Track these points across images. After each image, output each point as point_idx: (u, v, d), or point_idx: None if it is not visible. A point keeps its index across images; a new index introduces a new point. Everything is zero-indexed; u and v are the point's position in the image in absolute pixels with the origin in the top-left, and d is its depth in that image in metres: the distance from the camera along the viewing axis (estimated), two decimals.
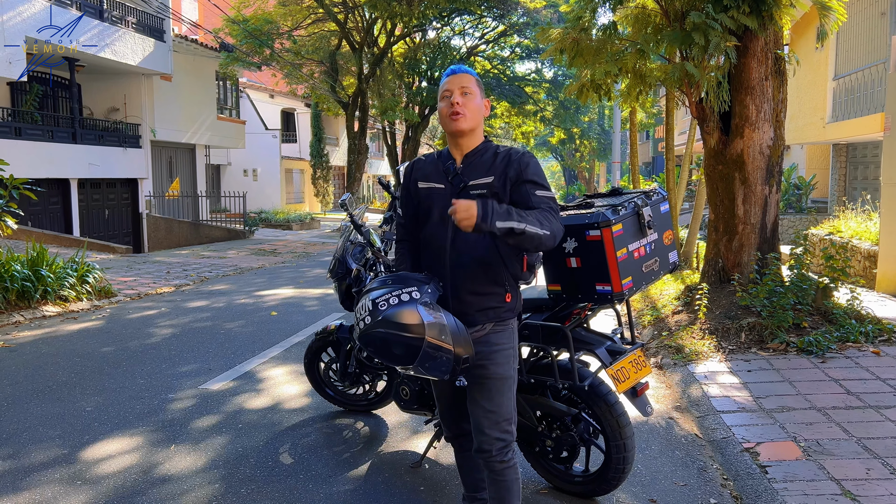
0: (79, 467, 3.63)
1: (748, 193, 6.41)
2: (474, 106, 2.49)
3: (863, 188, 14.18)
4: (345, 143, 28.67)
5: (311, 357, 4.39)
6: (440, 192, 2.52)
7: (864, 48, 12.82)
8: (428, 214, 2.55)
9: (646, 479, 3.48)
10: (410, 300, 2.31)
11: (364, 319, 2.35)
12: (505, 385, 2.51)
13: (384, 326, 2.30)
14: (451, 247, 2.47)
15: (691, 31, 5.78)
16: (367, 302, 2.38)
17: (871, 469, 3.35)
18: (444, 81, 2.54)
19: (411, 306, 2.30)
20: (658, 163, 35.03)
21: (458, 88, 2.49)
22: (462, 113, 2.47)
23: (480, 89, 2.54)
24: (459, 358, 2.34)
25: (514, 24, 24.06)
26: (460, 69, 2.56)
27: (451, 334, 2.31)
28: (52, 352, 6.08)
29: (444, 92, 2.52)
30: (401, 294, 2.33)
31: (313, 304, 8.54)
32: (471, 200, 2.24)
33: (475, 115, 2.49)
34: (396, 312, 2.29)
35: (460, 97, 2.48)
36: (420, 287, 2.37)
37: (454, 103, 2.47)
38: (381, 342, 2.33)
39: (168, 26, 18.01)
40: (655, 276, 2.93)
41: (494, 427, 2.48)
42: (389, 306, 2.31)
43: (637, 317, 7.37)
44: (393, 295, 2.33)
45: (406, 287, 2.36)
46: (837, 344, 5.34)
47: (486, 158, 2.50)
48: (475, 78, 2.55)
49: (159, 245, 18.01)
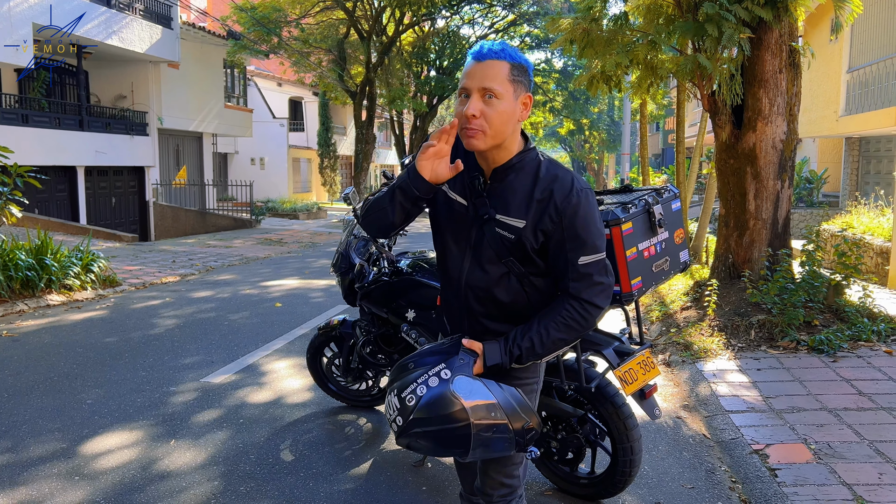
0: (78, 462, 3.59)
1: (760, 188, 6.30)
2: (499, 115, 1.82)
3: (875, 183, 14.01)
4: (352, 133, 28.59)
5: (313, 352, 4.33)
6: (460, 209, 2.01)
7: (880, 41, 12.61)
8: (441, 224, 2.08)
9: (652, 481, 3.42)
10: (440, 382, 1.87)
11: (396, 421, 1.91)
12: None
13: (421, 425, 1.86)
14: (466, 279, 2.04)
15: (704, 23, 5.67)
16: (392, 399, 1.94)
17: (883, 474, 3.27)
18: (466, 67, 1.86)
19: (443, 389, 1.86)
20: (668, 155, 34.80)
21: (479, 90, 1.81)
22: (479, 129, 1.83)
23: (518, 82, 1.85)
24: (522, 430, 1.91)
25: (524, 14, 23.90)
26: (489, 54, 1.83)
27: (503, 408, 1.88)
28: (55, 342, 6.06)
29: (462, 89, 1.85)
30: (427, 379, 1.89)
31: (318, 296, 8.49)
32: (479, 361, 1.91)
33: (500, 129, 1.84)
34: (428, 403, 1.86)
35: (479, 104, 1.81)
36: (449, 361, 1.91)
37: (468, 115, 1.82)
38: (426, 441, 1.90)
39: (176, 13, 17.94)
40: (666, 275, 2.85)
41: (500, 472, 2.10)
42: (418, 399, 1.87)
43: (645, 313, 7.29)
44: (419, 383, 1.89)
45: (432, 367, 1.91)
46: (849, 343, 5.25)
47: (522, 184, 1.91)
48: (511, 65, 1.82)
49: (166, 233, 18.02)
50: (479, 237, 1.98)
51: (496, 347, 1.96)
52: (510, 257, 1.95)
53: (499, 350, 1.95)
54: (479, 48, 1.86)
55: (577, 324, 1.91)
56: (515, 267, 1.97)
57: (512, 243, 1.93)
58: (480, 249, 1.99)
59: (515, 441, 1.91)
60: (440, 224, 2.07)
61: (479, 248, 1.99)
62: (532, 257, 1.95)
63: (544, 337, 1.91)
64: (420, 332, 3.49)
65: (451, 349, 1.96)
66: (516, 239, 1.91)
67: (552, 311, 1.94)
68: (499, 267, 1.98)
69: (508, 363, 1.94)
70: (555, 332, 1.91)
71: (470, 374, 1.90)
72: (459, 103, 1.87)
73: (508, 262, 1.97)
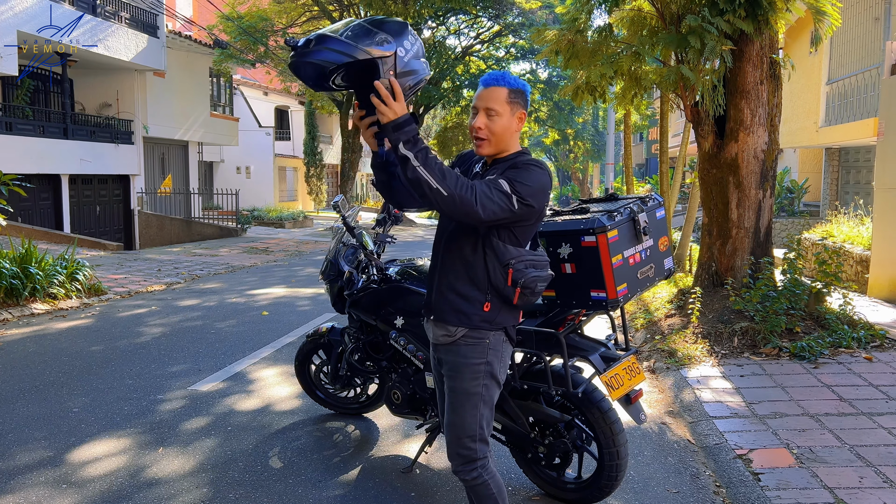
0: (64, 470, 3.58)
1: (742, 197, 6.40)
2: (499, 127, 2.34)
3: (855, 192, 14.23)
4: (339, 142, 28.59)
5: (301, 359, 4.34)
6: None
7: (858, 53, 12.85)
8: None
9: (638, 486, 3.46)
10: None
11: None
12: (469, 401, 2.41)
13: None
14: (444, 238, 2.45)
15: (687, 35, 5.77)
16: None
17: (864, 477, 3.33)
18: (477, 91, 2.40)
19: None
20: (652, 164, 35.09)
21: (483, 109, 2.34)
22: (484, 138, 2.36)
23: (515, 102, 2.35)
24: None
25: (510, 25, 24.04)
26: (492, 81, 2.37)
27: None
28: (40, 350, 6.02)
29: (473, 107, 2.39)
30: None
31: (305, 304, 8.49)
32: (403, 104, 2.14)
33: (500, 137, 2.36)
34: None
35: (483, 119, 2.34)
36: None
37: (476, 128, 2.35)
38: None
39: (162, 22, 17.91)
40: (651, 282, 2.91)
41: (455, 441, 2.42)
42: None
43: (630, 320, 7.36)
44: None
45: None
46: (830, 349, 5.34)
47: (503, 165, 2.38)
48: (509, 90, 2.35)
49: (151, 242, 17.91)
50: None
51: (406, 116, 2.16)
52: None
53: (406, 118, 2.16)
54: (486, 77, 2.39)
55: (443, 178, 2.14)
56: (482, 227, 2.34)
57: None
58: None
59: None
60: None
61: None
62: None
63: (431, 157, 2.14)
64: (409, 339, 3.52)
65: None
66: None
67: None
68: (471, 227, 2.35)
69: (400, 134, 2.13)
70: (446, 171, 2.16)
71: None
72: (472, 117, 2.38)
73: None
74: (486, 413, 2.44)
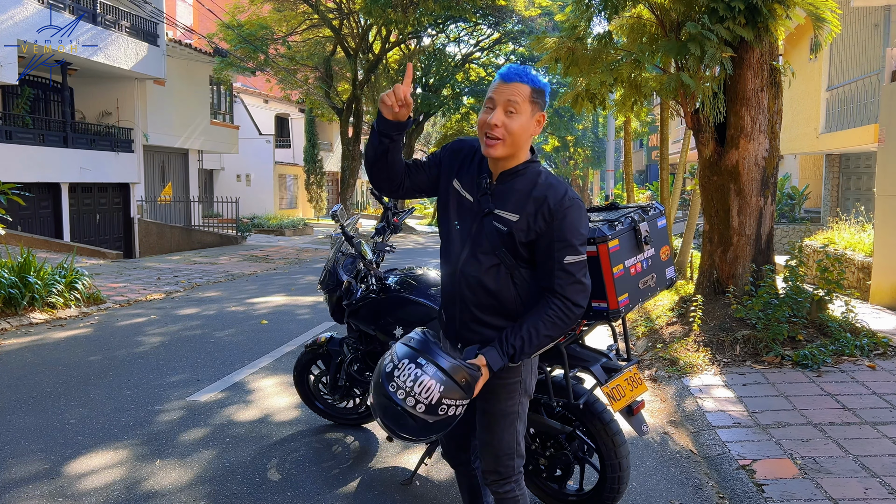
0: (61, 483, 3.54)
1: (743, 205, 6.38)
2: (518, 127, 2.11)
3: (856, 199, 14.21)
4: (339, 149, 28.61)
5: (300, 369, 4.31)
6: (467, 205, 2.26)
7: (858, 59, 12.86)
8: (449, 215, 2.31)
9: (641, 498, 3.42)
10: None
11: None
12: (506, 420, 2.34)
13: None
14: (461, 267, 2.26)
15: (687, 42, 5.75)
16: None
17: (868, 489, 3.29)
18: (493, 85, 2.14)
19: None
20: (652, 171, 35.10)
21: (504, 103, 2.10)
22: (499, 138, 2.11)
23: (536, 102, 2.13)
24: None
25: (509, 32, 24.11)
26: (514, 76, 2.11)
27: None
28: (38, 361, 5.98)
29: (488, 101, 2.13)
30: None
31: (305, 313, 8.45)
32: (481, 374, 2.12)
33: (517, 138, 2.12)
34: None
35: (502, 116, 2.10)
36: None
37: (492, 124, 2.10)
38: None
39: (162, 31, 17.94)
40: (652, 292, 2.88)
41: (493, 461, 2.38)
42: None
43: (631, 328, 7.32)
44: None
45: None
46: (833, 357, 5.30)
47: (521, 186, 2.17)
48: (532, 89, 2.11)
49: (151, 250, 17.89)
50: (478, 229, 2.23)
51: (494, 353, 2.16)
52: (502, 248, 2.19)
53: (497, 353, 2.16)
54: (507, 70, 2.14)
55: (562, 321, 2.14)
56: (506, 259, 2.20)
57: (504, 235, 2.17)
58: (478, 240, 2.22)
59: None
60: (448, 216, 2.32)
61: (477, 239, 2.23)
62: (520, 251, 2.18)
63: (533, 335, 2.13)
64: None
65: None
66: (508, 231, 2.16)
67: (539, 310, 2.17)
68: (491, 258, 2.21)
69: (506, 363, 2.16)
70: (543, 329, 2.14)
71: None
72: (484, 113, 2.14)
73: (500, 254, 2.20)
74: (521, 428, 2.40)
